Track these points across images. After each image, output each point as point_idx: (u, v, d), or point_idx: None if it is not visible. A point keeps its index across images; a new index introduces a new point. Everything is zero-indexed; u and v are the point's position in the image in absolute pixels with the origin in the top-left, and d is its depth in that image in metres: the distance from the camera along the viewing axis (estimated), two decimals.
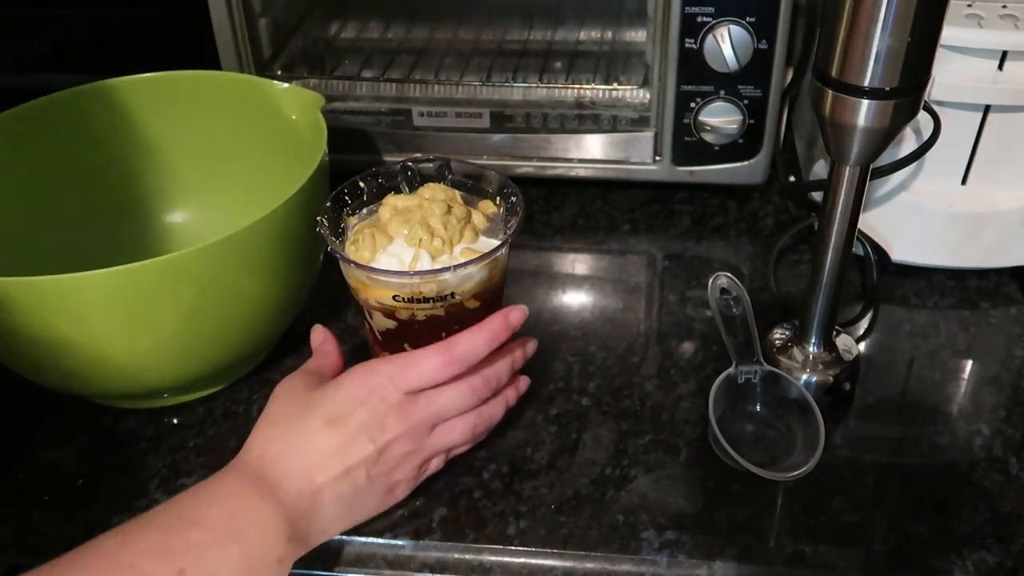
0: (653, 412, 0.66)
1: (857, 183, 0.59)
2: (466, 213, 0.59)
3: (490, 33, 0.93)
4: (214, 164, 0.79)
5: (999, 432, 0.64)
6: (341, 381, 0.56)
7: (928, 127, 0.70)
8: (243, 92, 0.75)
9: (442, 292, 0.56)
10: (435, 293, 0.56)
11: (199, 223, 0.80)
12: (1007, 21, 0.67)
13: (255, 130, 0.76)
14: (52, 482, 0.63)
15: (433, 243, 0.56)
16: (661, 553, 0.57)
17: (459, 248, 0.57)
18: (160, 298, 0.58)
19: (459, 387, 0.57)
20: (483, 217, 0.60)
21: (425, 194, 0.60)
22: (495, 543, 0.58)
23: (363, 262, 0.56)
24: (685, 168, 0.83)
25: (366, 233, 0.58)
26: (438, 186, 0.61)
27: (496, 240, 0.58)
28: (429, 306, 0.57)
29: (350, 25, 0.96)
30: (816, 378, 0.67)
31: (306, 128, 0.71)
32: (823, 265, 0.63)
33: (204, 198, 0.80)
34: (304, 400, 0.56)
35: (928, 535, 0.57)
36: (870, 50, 0.52)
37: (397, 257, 0.56)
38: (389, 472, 0.56)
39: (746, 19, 0.74)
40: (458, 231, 0.57)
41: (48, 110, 0.74)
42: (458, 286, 0.56)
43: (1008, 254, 0.76)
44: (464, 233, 0.58)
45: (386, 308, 0.57)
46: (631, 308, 0.77)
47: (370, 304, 0.58)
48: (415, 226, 0.57)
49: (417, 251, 0.56)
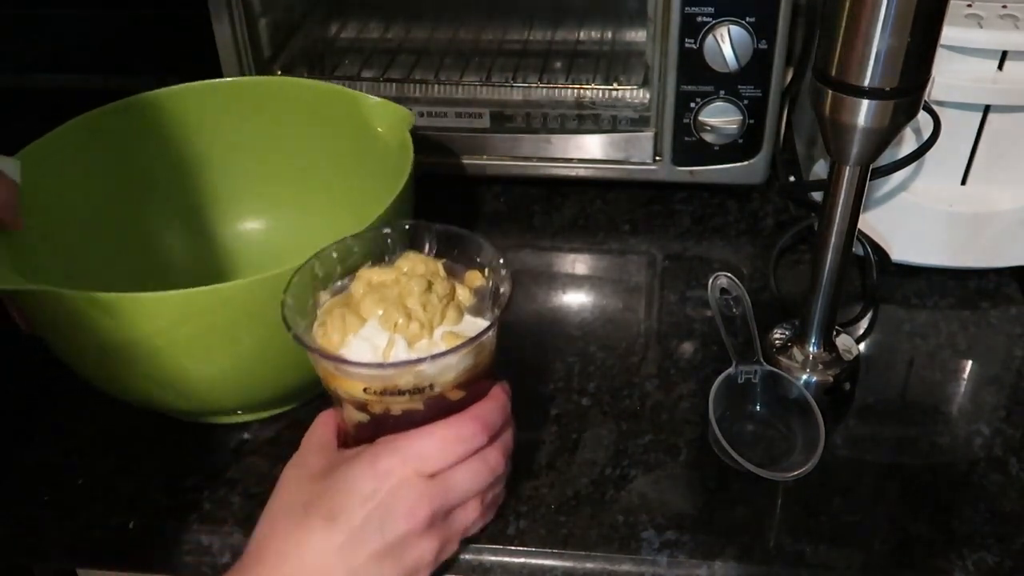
0: (653, 412, 0.66)
1: (857, 183, 0.59)
2: (449, 289, 0.52)
3: (490, 33, 0.93)
4: (292, 172, 0.77)
5: (999, 432, 0.64)
6: (349, 467, 0.50)
7: (928, 127, 0.70)
8: (330, 102, 0.74)
9: (419, 384, 0.49)
10: (411, 386, 0.49)
11: (272, 232, 0.79)
12: (1007, 21, 0.67)
13: (338, 141, 0.74)
14: (52, 482, 0.63)
15: (410, 327, 0.49)
16: (661, 553, 0.57)
17: (440, 331, 0.50)
18: (242, 318, 0.56)
19: (474, 464, 0.51)
20: (469, 292, 0.53)
21: (404, 266, 0.52)
22: (495, 543, 0.58)
23: (331, 348, 0.49)
24: (685, 168, 0.83)
25: (336, 314, 0.50)
26: (418, 257, 0.53)
27: (484, 320, 0.51)
28: (405, 399, 0.50)
29: (350, 25, 0.96)
30: (816, 378, 0.67)
31: (393, 144, 0.69)
32: (823, 265, 0.63)
33: (279, 206, 0.78)
34: (309, 491, 0.51)
35: (928, 535, 0.57)
36: (870, 50, 0.52)
37: (369, 342, 0.49)
38: (405, 566, 0.50)
39: (746, 19, 0.74)
40: (439, 311, 0.50)
41: (125, 113, 0.72)
42: (438, 377, 0.49)
43: (1008, 254, 0.76)
44: (446, 313, 0.50)
45: (357, 401, 0.51)
46: (631, 308, 0.77)
47: (339, 395, 0.52)
48: (390, 307, 0.50)
49: (392, 336, 0.49)
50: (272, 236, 0.79)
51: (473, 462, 0.51)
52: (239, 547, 0.58)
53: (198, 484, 0.62)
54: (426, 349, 0.49)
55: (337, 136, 0.74)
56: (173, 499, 0.61)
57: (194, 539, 0.59)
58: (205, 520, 0.60)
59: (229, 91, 0.76)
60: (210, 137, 0.76)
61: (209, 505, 0.60)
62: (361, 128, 0.72)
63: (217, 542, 0.59)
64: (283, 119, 0.76)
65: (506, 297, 0.51)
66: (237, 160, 0.77)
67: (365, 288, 0.51)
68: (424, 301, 0.50)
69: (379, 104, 0.71)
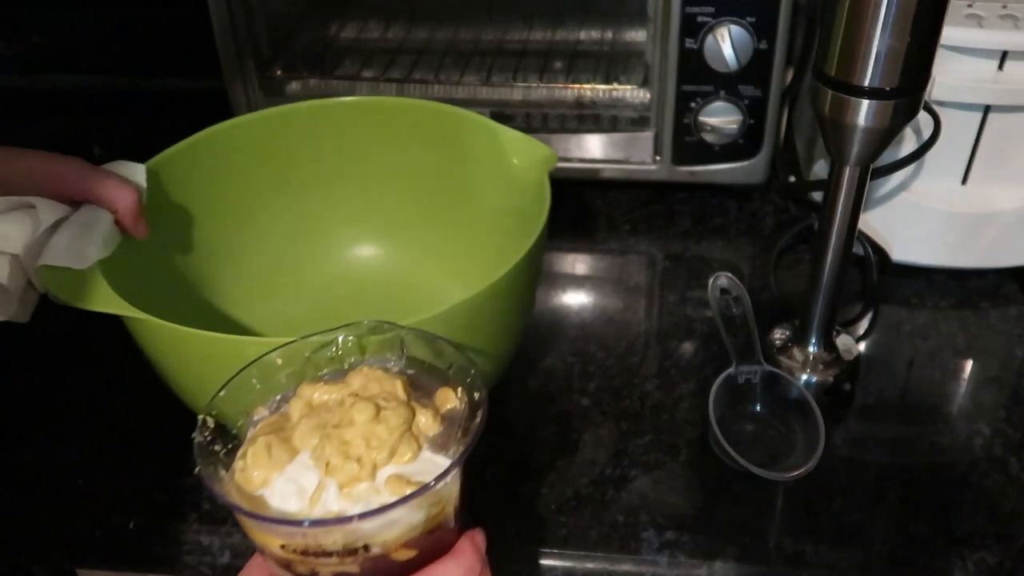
0: (653, 412, 0.66)
1: (857, 183, 0.59)
2: (405, 418, 0.41)
3: (490, 33, 0.93)
4: (409, 200, 0.74)
5: (999, 432, 0.64)
6: None
7: (928, 127, 0.70)
8: (463, 129, 0.70)
9: (351, 545, 0.38)
10: (340, 547, 0.39)
11: (386, 259, 0.76)
12: (1007, 21, 0.67)
13: (465, 172, 0.71)
14: (52, 482, 0.63)
15: (346, 468, 0.39)
16: (661, 553, 0.57)
17: (386, 473, 0.39)
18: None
19: None
20: (434, 418, 0.41)
21: (354, 383, 0.42)
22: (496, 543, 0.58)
23: (250, 487, 0.39)
24: (685, 168, 0.83)
25: (260, 443, 0.40)
26: (375, 372, 0.43)
27: (445, 458, 0.40)
28: (335, 562, 0.39)
29: (350, 25, 0.96)
30: (816, 378, 0.67)
31: (529, 185, 0.64)
32: (823, 265, 0.63)
33: (392, 235, 0.75)
34: None
35: (928, 535, 0.57)
36: (870, 50, 0.52)
37: (296, 484, 0.39)
38: None
39: (746, 19, 0.74)
40: (388, 447, 0.40)
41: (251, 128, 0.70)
42: (376, 536, 0.39)
43: (1008, 254, 0.76)
44: (397, 449, 0.40)
45: (277, 558, 0.40)
46: (631, 308, 0.77)
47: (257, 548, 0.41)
48: (325, 439, 0.40)
49: (322, 479, 0.39)
50: (384, 264, 0.75)
51: None
52: (239, 547, 0.58)
53: (198, 484, 0.62)
54: (365, 496, 0.39)
55: (465, 166, 0.71)
56: (173, 499, 0.61)
57: (194, 539, 0.59)
58: (205, 520, 0.60)
59: (349, 110, 0.72)
60: (324, 158, 0.73)
61: (209, 505, 0.60)
62: (494, 161, 0.67)
63: (217, 542, 0.59)
64: (405, 142, 0.72)
65: (476, 429, 0.40)
66: (351, 183, 0.74)
67: (304, 409, 0.42)
68: (368, 433, 0.40)
69: (520, 139, 0.66)
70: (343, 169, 0.73)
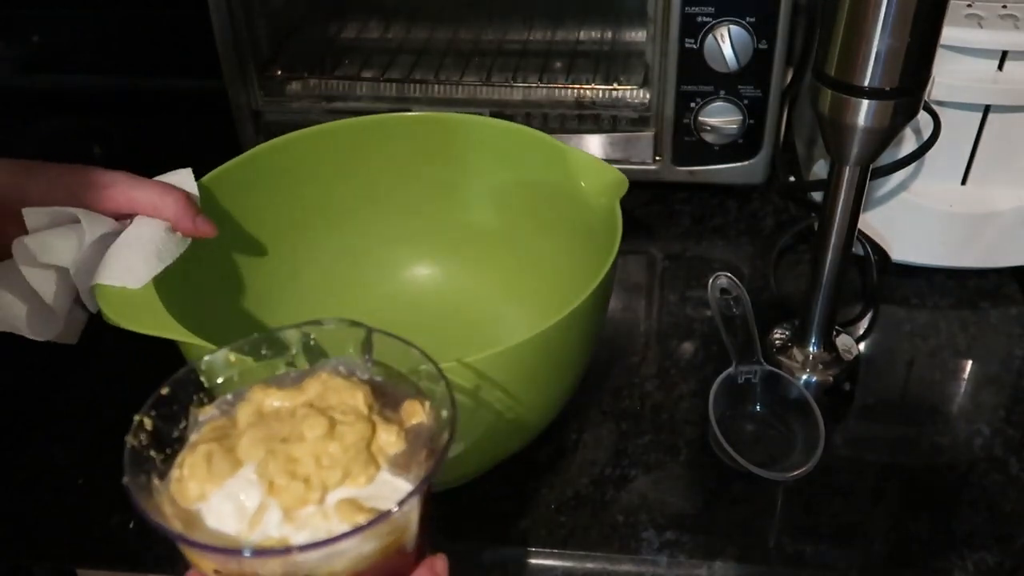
0: (653, 412, 0.66)
1: (857, 183, 0.59)
2: (363, 435, 0.36)
3: (490, 33, 0.93)
4: (469, 219, 0.72)
5: (999, 432, 0.64)
6: None
7: (928, 127, 0.70)
8: (527, 147, 0.67)
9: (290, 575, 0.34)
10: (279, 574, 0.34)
11: (444, 280, 0.74)
12: (1007, 21, 0.67)
13: (530, 194, 0.68)
14: (52, 482, 0.63)
15: (292, 489, 0.34)
16: (661, 553, 0.57)
17: (336, 496, 0.34)
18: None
19: None
20: (397, 435, 0.37)
21: (311, 390, 0.38)
22: (495, 543, 0.58)
23: (186, 501, 0.35)
24: (685, 168, 0.83)
25: (200, 452, 0.36)
26: (335, 380, 0.38)
27: (407, 483, 0.36)
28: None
29: (350, 25, 0.96)
30: (816, 378, 0.67)
31: (597, 209, 0.62)
32: (823, 265, 0.63)
33: (451, 255, 0.73)
34: None
35: (928, 535, 0.57)
36: (870, 50, 0.52)
37: (235, 502, 0.35)
38: None
39: (746, 19, 0.74)
40: (341, 468, 0.35)
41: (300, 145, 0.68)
42: (320, 567, 0.34)
43: (1008, 254, 0.76)
44: (352, 469, 0.35)
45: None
46: (631, 308, 0.76)
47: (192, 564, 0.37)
48: (271, 455, 0.35)
49: (265, 500, 0.34)
50: (442, 285, 0.74)
51: None
52: None
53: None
54: (312, 522, 0.34)
55: (527, 186, 0.69)
56: None
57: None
58: None
59: (402, 125, 0.70)
60: (377, 175, 0.71)
61: None
62: (560, 183, 0.65)
63: None
64: (464, 160, 0.70)
65: (441, 452, 0.36)
66: (407, 200, 0.72)
67: (252, 417, 0.38)
68: (319, 451, 0.35)
69: (589, 162, 0.64)
70: (397, 186, 0.71)
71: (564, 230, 0.67)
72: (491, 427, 0.55)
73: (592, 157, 0.65)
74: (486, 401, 0.52)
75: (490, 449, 0.58)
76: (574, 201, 0.65)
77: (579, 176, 0.64)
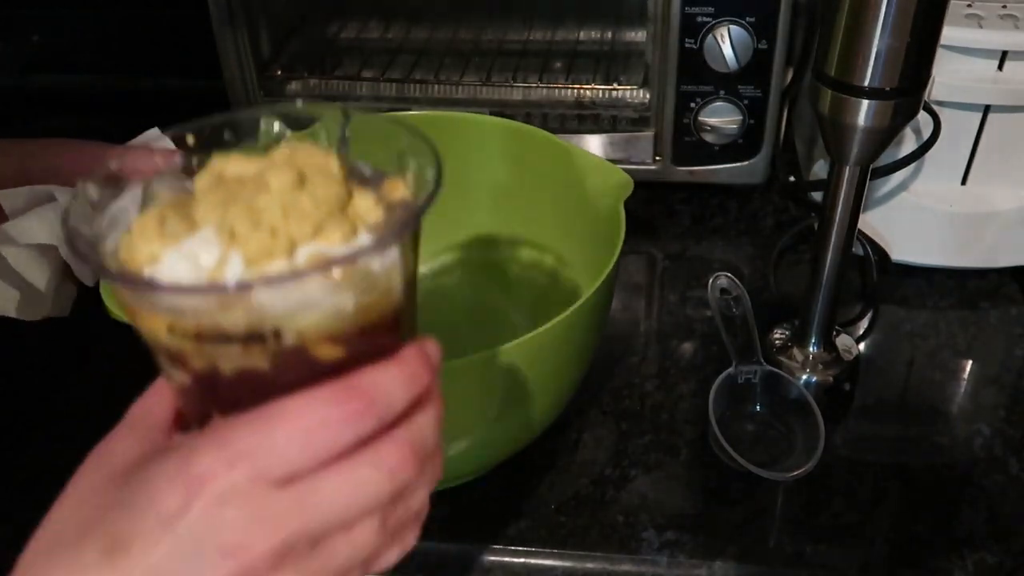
0: (653, 412, 0.66)
1: (857, 183, 0.59)
2: (338, 195, 0.32)
3: (490, 33, 0.93)
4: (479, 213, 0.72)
5: (999, 432, 0.64)
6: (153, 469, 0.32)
7: (928, 127, 0.70)
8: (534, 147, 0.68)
9: (256, 327, 0.30)
10: (244, 329, 0.30)
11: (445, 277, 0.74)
12: (1007, 21, 0.67)
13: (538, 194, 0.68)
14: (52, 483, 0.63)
15: (255, 238, 0.30)
16: (661, 553, 0.57)
17: (307, 251, 0.30)
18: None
19: (358, 468, 0.31)
20: (375, 205, 0.32)
21: (278, 157, 0.33)
22: (495, 543, 0.58)
23: (136, 263, 0.31)
24: (685, 168, 0.83)
25: (152, 215, 0.32)
26: (306, 147, 0.33)
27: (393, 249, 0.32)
28: (237, 352, 0.31)
29: (350, 25, 0.96)
30: (816, 378, 0.67)
31: (602, 210, 0.62)
32: (823, 265, 0.63)
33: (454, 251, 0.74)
34: (96, 504, 0.34)
35: (928, 535, 0.57)
36: (870, 50, 0.52)
37: (192, 261, 0.30)
38: None
39: (746, 19, 0.74)
40: (311, 222, 0.30)
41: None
42: (288, 318, 0.30)
43: (1008, 254, 0.76)
44: (325, 227, 0.31)
45: (166, 349, 0.32)
46: (631, 308, 0.76)
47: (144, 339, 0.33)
48: (232, 209, 0.31)
49: (225, 252, 0.30)
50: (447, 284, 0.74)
51: (356, 465, 0.31)
52: None
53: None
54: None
55: (533, 187, 0.69)
56: None
57: None
58: None
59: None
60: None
61: None
62: (565, 183, 0.65)
63: None
64: (469, 159, 0.70)
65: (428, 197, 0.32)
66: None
67: (212, 183, 0.33)
68: (287, 203, 0.31)
69: (595, 163, 0.65)
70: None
71: (567, 230, 0.67)
72: (491, 425, 0.55)
73: (597, 158, 0.65)
74: (487, 399, 0.52)
75: (490, 448, 0.58)
76: (578, 201, 0.65)
77: (584, 176, 0.64)
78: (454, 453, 0.54)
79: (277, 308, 0.30)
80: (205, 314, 0.30)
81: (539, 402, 0.57)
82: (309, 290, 0.30)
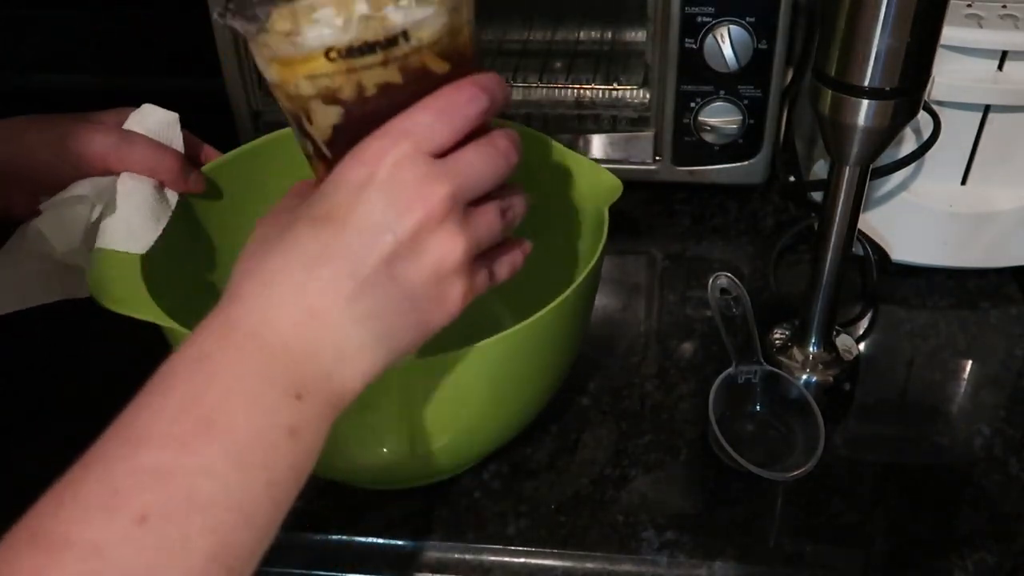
0: (653, 412, 0.66)
1: (857, 183, 0.59)
2: None
3: (490, 33, 0.93)
4: None
5: (999, 432, 0.64)
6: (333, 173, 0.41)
7: (928, 127, 0.70)
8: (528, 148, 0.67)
9: (390, 33, 0.41)
10: (381, 35, 0.41)
11: None
12: (1007, 21, 0.67)
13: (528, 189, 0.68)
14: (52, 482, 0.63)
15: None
16: (661, 553, 0.57)
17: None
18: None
19: (482, 147, 0.42)
20: None
21: None
22: (495, 543, 0.58)
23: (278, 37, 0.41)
24: (685, 168, 0.83)
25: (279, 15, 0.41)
26: None
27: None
28: (379, 61, 0.41)
29: None
30: (816, 378, 0.67)
31: (587, 214, 0.63)
32: (823, 265, 0.63)
33: None
34: (292, 212, 0.42)
35: (928, 535, 0.57)
36: (870, 50, 0.52)
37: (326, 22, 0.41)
38: (431, 269, 0.40)
39: (746, 19, 0.74)
40: None
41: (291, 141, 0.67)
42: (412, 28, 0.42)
43: (1008, 254, 0.76)
44: None
45: (324, 89, 0.42)
46: (631, 308, 0.76)
47: (302, 94, 0.43)
48: None
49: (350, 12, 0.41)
50: None
51: (481, 144, 0.42)
52: None
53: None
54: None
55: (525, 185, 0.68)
56: None
57: None
58: None
59: None
60: None
61: None
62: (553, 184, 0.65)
63: None
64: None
65: None
66: None
67: None
68: None
69: (585, 165, 0.64)
70: None
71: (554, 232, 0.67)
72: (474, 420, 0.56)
73: (589, 160, 0.65)
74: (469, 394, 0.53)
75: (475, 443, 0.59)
76: (567, 203, 0.65)
77: (575, 177, 0.64)
78: (436, 448, 0.55)
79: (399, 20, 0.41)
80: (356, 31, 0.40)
81: (520, 398, 0.58)
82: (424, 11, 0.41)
